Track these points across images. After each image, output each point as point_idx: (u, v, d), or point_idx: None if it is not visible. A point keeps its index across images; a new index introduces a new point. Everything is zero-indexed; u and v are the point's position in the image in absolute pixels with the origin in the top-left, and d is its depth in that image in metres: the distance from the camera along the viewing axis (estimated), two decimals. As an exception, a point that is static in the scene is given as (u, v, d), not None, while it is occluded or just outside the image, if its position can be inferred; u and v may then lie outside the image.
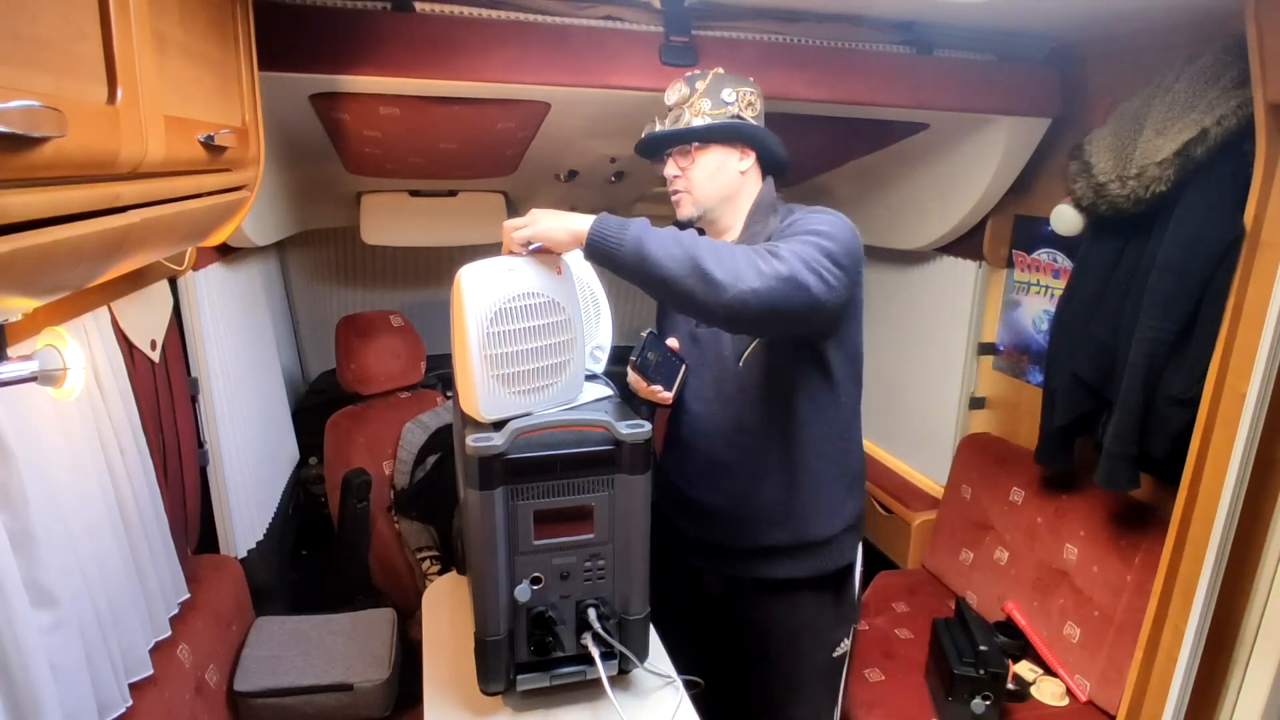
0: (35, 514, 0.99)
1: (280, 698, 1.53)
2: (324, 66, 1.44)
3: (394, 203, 2.41)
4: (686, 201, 1.38)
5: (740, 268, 1.07)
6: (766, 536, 1.43)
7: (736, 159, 1.37)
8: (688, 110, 1.34)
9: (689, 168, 1.36)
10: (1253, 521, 1.36)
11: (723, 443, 1.41)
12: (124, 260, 0.92)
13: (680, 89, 1.36)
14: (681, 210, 1.40)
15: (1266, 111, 1.30)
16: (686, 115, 1.34)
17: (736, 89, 1.35)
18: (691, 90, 1.34)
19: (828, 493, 1.42)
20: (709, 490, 1.45)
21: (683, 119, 1.35)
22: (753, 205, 1.39)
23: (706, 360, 1.41)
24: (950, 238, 2.31)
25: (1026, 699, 1.77)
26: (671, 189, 1.40)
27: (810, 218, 1.27)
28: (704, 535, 1.49)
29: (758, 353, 1.35)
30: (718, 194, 1.37)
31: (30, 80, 0.60)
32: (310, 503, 2.47)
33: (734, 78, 1.36)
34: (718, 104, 1.34)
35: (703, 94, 1.34)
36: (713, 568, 1.51)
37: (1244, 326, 1.34)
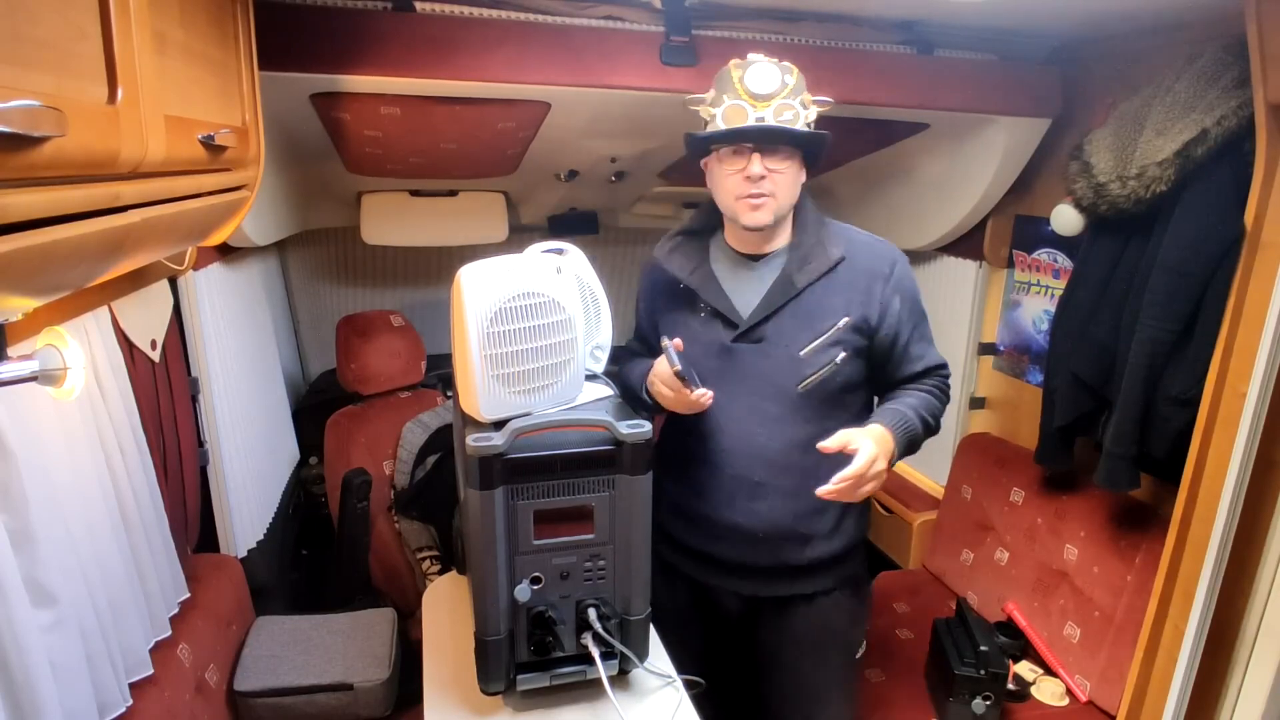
0: (35, 513, 0.99)
1: (280, 697, 1.53)
2: (324, 66, 1.44)
3: (394, 202, 2.41)
4: (770, 207, 1.26)
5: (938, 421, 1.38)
6: (802, 555, 1.38)
7: (802, 170, 1.30)
8: (798, 106, 1.22)
9: (782, 171, 1.25)
10: (1253, 521, 1.36)
11: (761, 464, 1.35)
12: (124, 260, 0.92)
13: (775, 73, 1.22)
14: (760, 215, 1.27)
15: (1267, 111, 1.30)
16: (799, 111, 1.22)
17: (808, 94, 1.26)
18: (783, 84, 1.22)
19: (862, 504, 1.41)
20: (739, 511, 1.37)
21: (794, 116, 1.22)
22: (801, 219, 1.36)
23: (745, 378, 1.34)
24: (950, 238, 2.31)
25: (1027, 699, 1.77)
26: (754, 190, 1.25)
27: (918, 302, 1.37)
28: (727, 555, 1.41)
29: (821, 379, 1.32)
30: (793, 202, 1.31)
31: (30, 80, 0.60)
32: (310, 502, 2.47)
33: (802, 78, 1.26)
34: (802, 105, 1.24)
35: (795, 90, 1.23)
36: (731, 585, 1.44)
37: (1244, 326, 1.34)
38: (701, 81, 1.64)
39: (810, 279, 1.31)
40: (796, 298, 1.31)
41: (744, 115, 1.22)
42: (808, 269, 1.31)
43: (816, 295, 1.32)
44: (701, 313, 1.37)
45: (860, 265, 1.33)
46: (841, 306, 1.31)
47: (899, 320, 1.33)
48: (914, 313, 1.36)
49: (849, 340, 1.32)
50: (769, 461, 1.34)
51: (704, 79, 1.63)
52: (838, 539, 1.40)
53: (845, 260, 1.32)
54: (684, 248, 1.42)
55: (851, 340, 1.32)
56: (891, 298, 1.32)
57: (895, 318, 1.33)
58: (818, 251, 1.32)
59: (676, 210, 2.81)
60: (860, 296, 1.32)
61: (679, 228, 1.45)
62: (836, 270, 1.32)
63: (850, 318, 1.31)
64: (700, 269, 1.38)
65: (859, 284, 1.32)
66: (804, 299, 1.31)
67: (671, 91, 1.62)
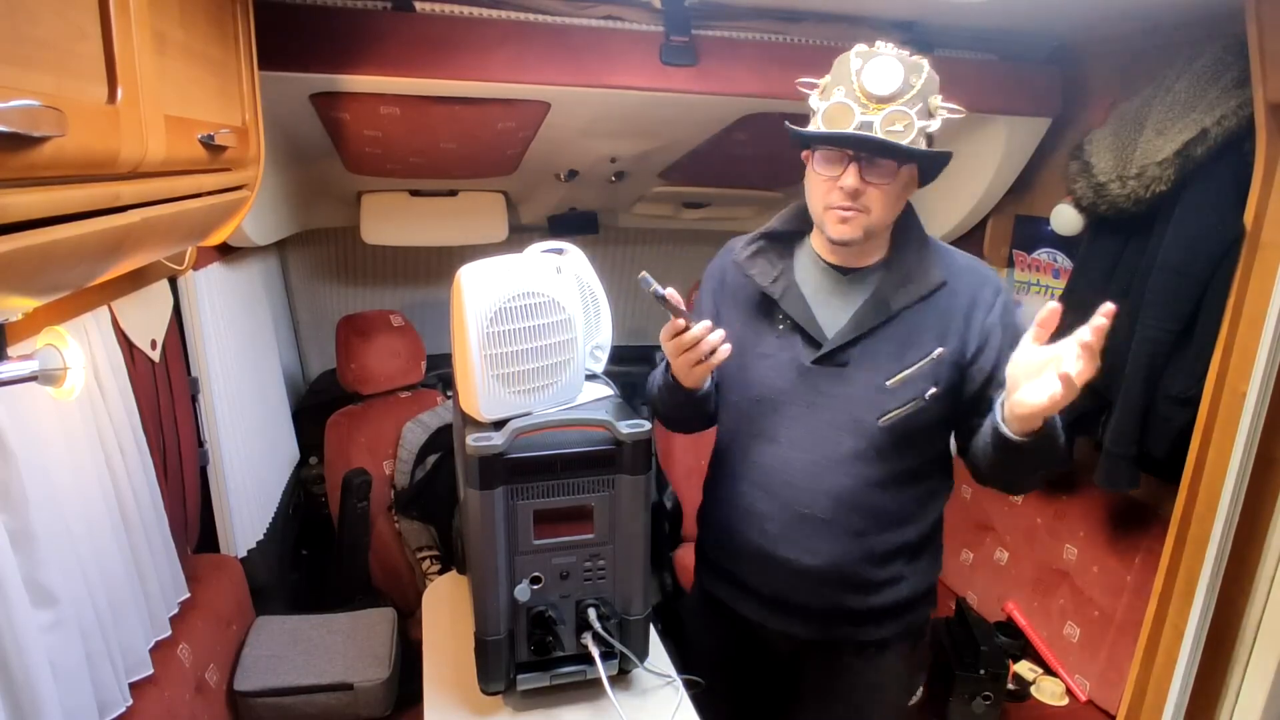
0: (35, 514, 0.99)
1: (280, 697, 1.53)
2: (324, 66, 1.44)
3: (394, 202, 2.41)
4: (860, 223, 1.12)
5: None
6: (865, 601, 1.25)
7: (911, 184, 1.16)
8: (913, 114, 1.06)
9: (880, 186, 1.10)
10: (1253, 521, 1.35)
11: (830, 500, 1.20)
12: (124, 260, 0.92)
13: (897, 73, 1.05)
14: (848, 230, 1.13)
15: (1267, 111, 1.29)
16: (913, 121, 1.06)
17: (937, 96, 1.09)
18: (908, 83, 1.06)
19: (935, 548, 1.30)
20: (800, 549, 1.22)
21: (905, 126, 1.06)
22: (903, 233, 1.21)
23: (821, 404, 1.19)
24: (950, 237, 2.31)
25: (1026, 699, 1.77)
26: (844, 204, 1.11)
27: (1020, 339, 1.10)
28: (781, 593, 1.27)
29: (906, 414, 1.17)
30: (890, 219, 1.16)
31: (30, 80, 0.60)
32: (310, 502, 2.47)
33: (935, 78, 1.10)
34: (924, 114, 1.08)
35: (916, 95, 1.06)
36: (781, 625, 1.29)
37: (1244, 326, 1.33)
38: (701, 81, 1.64)
39: (907, 302, 1.17)
40: (890, 321, 1.17)
41: (849, 117, 1.07)
42: (905, 290, 1.17)
43: (911, 321, 1.17)
44: (780, 325, 1.22)
45: (963, 291, 1.18)
46: (937, 336, 1.16)
47: (999, 355, 1.15)
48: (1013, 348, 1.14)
49: (942, 374, 1.16)
50: (838, 498, 1.20)
51: (704, 78, 1.63)
52: (906, 585, 1.26)
53: (946, 285, 1.18)
54: (767, 251, 1.27)
55: (945, 375, 1.17)
56: (993, 329, 1.17)
57: (995, 351, 1.16)
58: (918, 273, 1.18)
59: (676, 210, 2.81)
60: (959, 326, 1.17)
61: (761, 229, 1.30)
62: (936, 295, 1.17)
63: (946, 349, 1.16)
64: (784, 277, 1.23)
65: (958, 311, 1.17)
66: (897, 323, 1.17)
67: (671, 91, 1.62)
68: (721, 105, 1.76)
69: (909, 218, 1.22)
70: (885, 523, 1.22)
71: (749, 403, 1.26)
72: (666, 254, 3.15)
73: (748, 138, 2.00)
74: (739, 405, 1.28)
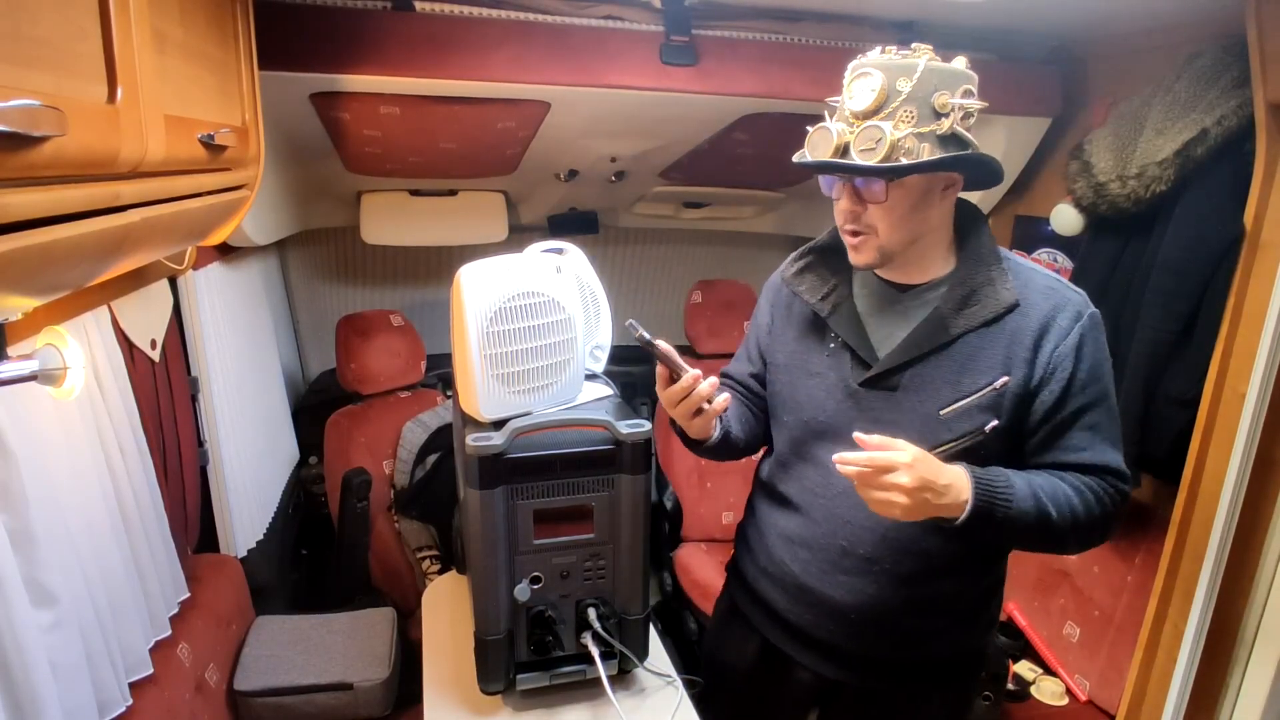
0: (35, 513, 0.99)
1: (280, 697, 1.53)
2: (324, 66, 1.44)
3: (394, 202, 2.41)
4: (871, 245, 1.04)
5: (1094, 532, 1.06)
6: (907, 654, 1.16)
7: (939, 189, 1.03)
8: (887, 128, 0.95)
9: (877, 206, 1.02)
10: (1252, 521, 1.36)
11: (876, 539, 1.10)
12: (124, 259, 0.92)
13: (874, 83, 0.96)
14: (860, 256, 1.06)
15: (1267, 111, 1.30)
16: (884, 135, 0.95)
17: (952, 90, 0.96)
18: (892, 90, 0.96)
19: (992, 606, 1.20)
20: (833, 582, 1.14)
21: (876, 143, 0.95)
22: (969, 248, 1.09)
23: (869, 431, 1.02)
24: (950, 237, 2.31)
25: (1026, 699, 1.77)
26: (847, 227, 1.06)
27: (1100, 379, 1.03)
28: (816, 630, 1.18)
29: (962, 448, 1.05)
30: (911, 236, 1.05)
31: (30, 79, 0.60)
32: (310, 502, 2.47)
33: (947, 69, 0.97)
34: (928, 116, 0.96)
35: (908, 99, 0.95)
36: (811, 662, 1.21)
37: (1244, 326, 1.34)
38: (701, 81, 1.64)
39: (970, 325, 1.04)
40: (949, 345, 1.05)
41: (827, 141, 1.00)
42: (968, 312, 1.05)
43: (973, 345, 1.05)
44: (831, 344, 1.14)
45: (1036, 314, 1.03)
46: (1002, 363, 1.03)
47: (1063, 390, 1.02)
48: (1088, 389, 1.03)
49: (1006, 407, 1.04)
50: (884, 536, 1.10)
51: (704, 78, 1.63)
52: (949, 642, 1.16)
53: (1019, 307, 1.04)
54: (817, 267, 1.19)
55: (1009, 407, 1.04)
56: (1062, 361, 1.02)
57: (1060, 384, 1.02)
58: (986, 292, 1.05)
59: (676, 210, 2.81)
60: (1027, 353, 1.03)
61: (811, 243, 1.22)
62: (1006, 319, 1.04)
63: (1011, 378, 1.03)
64: (836, 292, 1.15)
65: (1028, 336, 1.03)
66: (957, 347, 1.05)
67: (671, 91, 1.62)
68: (721, 105, 1.76)
69: (974, 230, 1.09)
70: (936, 570, 1.10)
71: (799, 424, 1.17)
72: (666, 254, 3.15)
73: (748, 137, 2.00)
74: (789, 426, 1.19)
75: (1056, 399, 1.03)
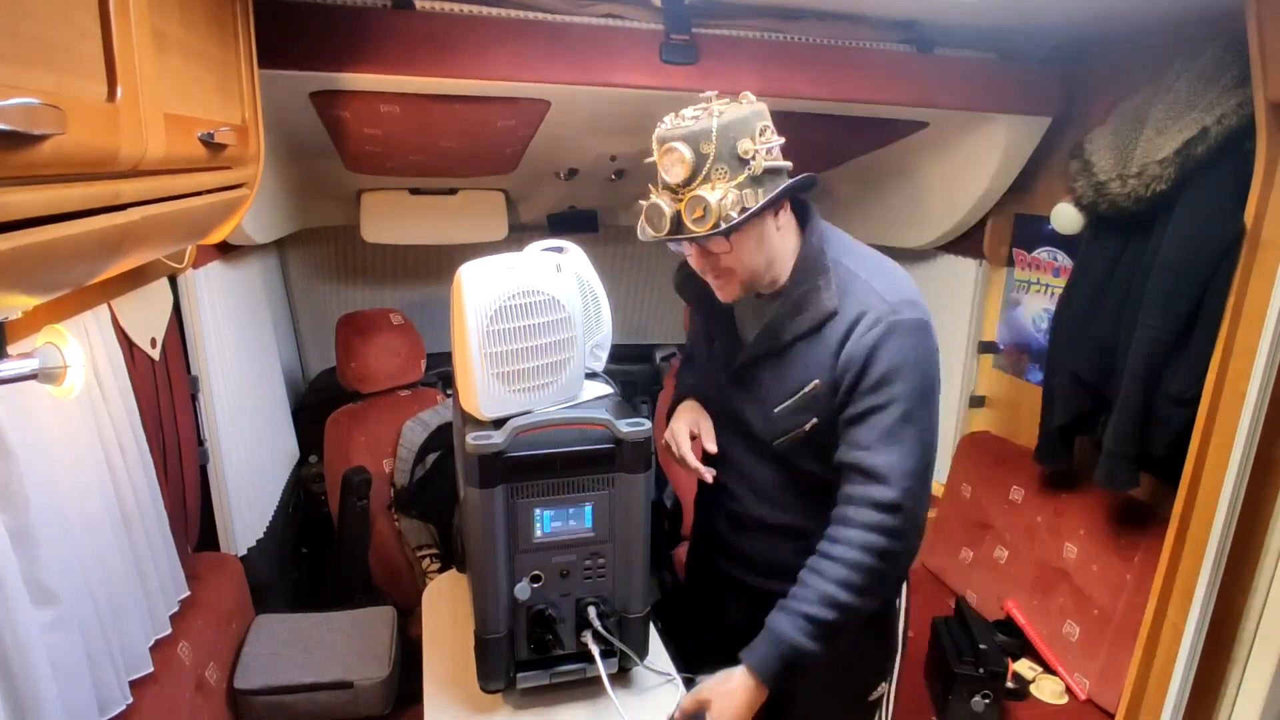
0: (35, 512, 0.99)
1: (280, 695, 1.53)
2: (324, 64, 1.44)
3: (394, 201, 2.41)
4: (734, 282, 1.15)
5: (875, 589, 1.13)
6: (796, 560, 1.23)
7: (771, 221, 1.13)
8: (708, 195, 1.03)
9: (724, 254, 1.12)
10: (1252, 520, 1.36)
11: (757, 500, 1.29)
12: (124, 258, 0.92)
13: (683, 156, 1.04)
14: (726, 294, 1.18)
15: (1267, 110, 1.30)
16: (709, 202, 1.03)
17: (750, 134, 1.05)
18: (697, 158, 1.04)
19: None
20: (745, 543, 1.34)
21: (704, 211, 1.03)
22: (797, 259, 1.17)
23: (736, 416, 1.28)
24: (950, 236, 2.31)
25: (1026, 697, 1.77)
26: (708, 274, 1.17)
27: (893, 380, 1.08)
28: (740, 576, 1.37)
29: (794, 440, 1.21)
30: (763, 264, 1.15)
31: (30, 78, 0.60)
32: (310, 501, 2.47)
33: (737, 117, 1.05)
34: (737, 167, 1.04)
35: (715, 159, 1.03)
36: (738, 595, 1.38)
37: (1244, 326, 1.34)
38: (701, 80, 1.64)
39: (796, 333, 1.16)
40: (780, 351, 1.19)
41: (661, 218, 1.08)
42: (796, 321, 1.16)
43: (800, 351, 1.17)
44: (713, 341, 1.32)
45: (844, 320, 1.13)
46: (816, 367, 1.15)
47: (851, 388, 1.11)
48: (879, 391, 1.10)
49: (822, 407, 1.16)
50: (763, 497, 1.28)
51: (704, 77, 1.63)
52: None
53: (837, 315, 1.14)
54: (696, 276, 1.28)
55: (825, 407, 1.16)
56: (855, 360, 1.10)
57: (849, 383, 1.11)
58: (811, 301, 1.15)
59: (676, 209, 2.81)
60: (832, 356, 1.13)
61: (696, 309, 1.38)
62: (827, 326, 1.14)
63: (821, 381, 1.15)
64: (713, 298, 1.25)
65: (835, 339, 1.13)
66: (788, 353, 1.18)
67: (671, 90, 1.62)
68: (722, 104, 1.76)
69: (811, 246, 1.16)
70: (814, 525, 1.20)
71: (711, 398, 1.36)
72: (666, 253, 3.15)
73: (748, 136, 1.99)
74: None
75: (847, 397, 1.13)
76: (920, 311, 1.14)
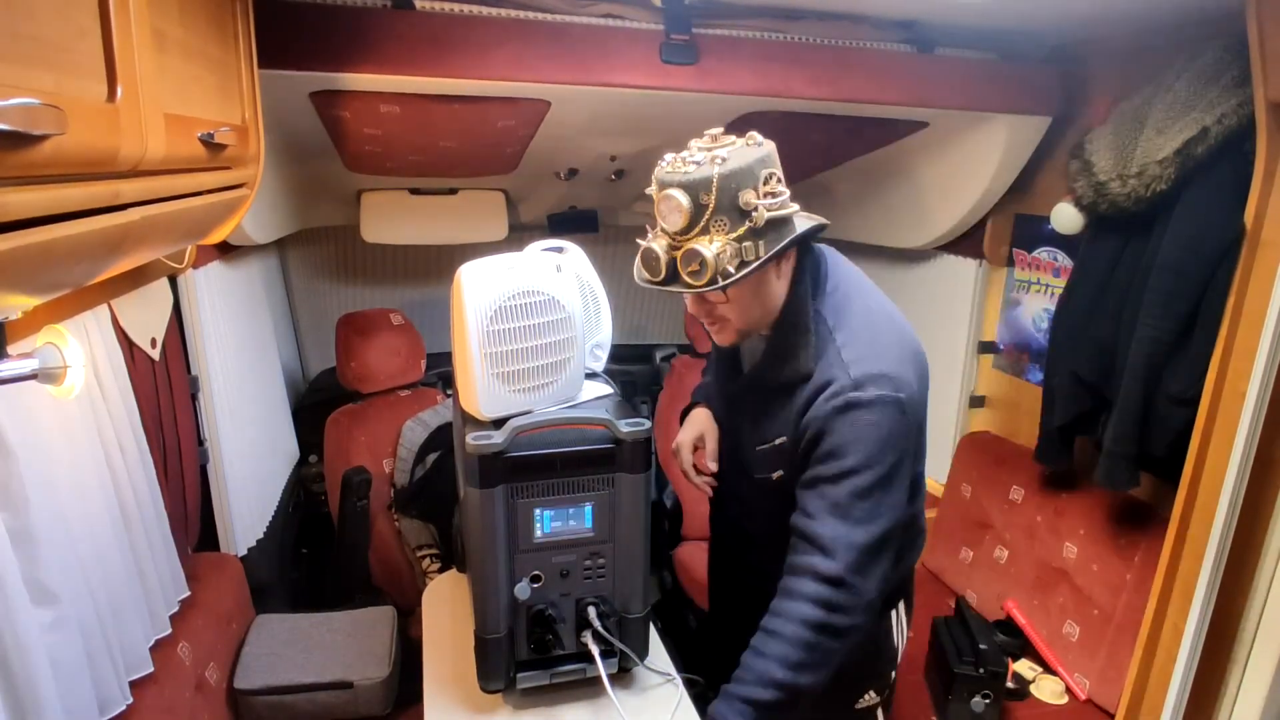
0: (35, 512, 0.99)
1: (280, 695, 1.53)
2: (324, 64, 1.44)
3: (394, 201, 2.41)
4: (730, 328, 1.14)
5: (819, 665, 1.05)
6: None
7: (773, 270, 1.10)
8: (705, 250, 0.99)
9: (720, 304, 1.11)
10: (1252, 520, 1.36)
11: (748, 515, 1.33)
12: (124, 258, 0.92)
13: (681, 205, 0.99)
14: (722, 339, 1.17)
15: (1267, 110, 1.30)
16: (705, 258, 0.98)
17: (753, 185, 0.99)
18: (696, 208, 0.99)
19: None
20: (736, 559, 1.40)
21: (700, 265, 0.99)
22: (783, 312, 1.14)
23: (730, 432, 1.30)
24: (950, 236, 2.31)
25: (1026, 697, 1.77)
26: (701, 319, 1.16)
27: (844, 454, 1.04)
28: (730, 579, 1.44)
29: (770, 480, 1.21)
30: (761, 314, 1.14)
31: (30, 78, 0.60)
32: (310, 501, 2.47)
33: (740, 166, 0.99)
34: (737, 220, 0.99)
35: (715, 211, 0.99)
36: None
37: (1244, 326, 1.34)
38: (701, 80, 1.64)
39: (775, 381, 1.16)
40: (765, 394, 1.19)
41: (656, 265, 1.04)
42: (776, 371, 1.15)
43: (779, 400, 1.16)
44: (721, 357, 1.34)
45: (813, 385, 1.11)
46: (784, 423, 1.15)
47: (805, 456, 1.10)
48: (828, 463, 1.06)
49: (785, 462, 1.17)
50: (754, 512, 1.30)
51: (704, 77, 1.63)
52: None
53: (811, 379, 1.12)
54: None
55: (790, 464, 1.15)
56: (810, 428, 1.09)
57: (805, 451, 1.10)
58: (790, 360, 1.13)
59: (676, 209, 2.81)
60: (796, 416, 1.12)
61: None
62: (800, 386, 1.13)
63: (786, 439, 1.15)
64: None
65: (801, 401, 1.12)
66: (770, 397, 1.18)
67: (671, 90, 1.62)
68: (722, 103, 1.76)
69: (797, 299, 1.13)
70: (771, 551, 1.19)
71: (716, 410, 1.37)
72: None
73: (748, 136, 1.99)
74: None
75: (804, 461, 1.11)
76: (893, 387, 1.06)
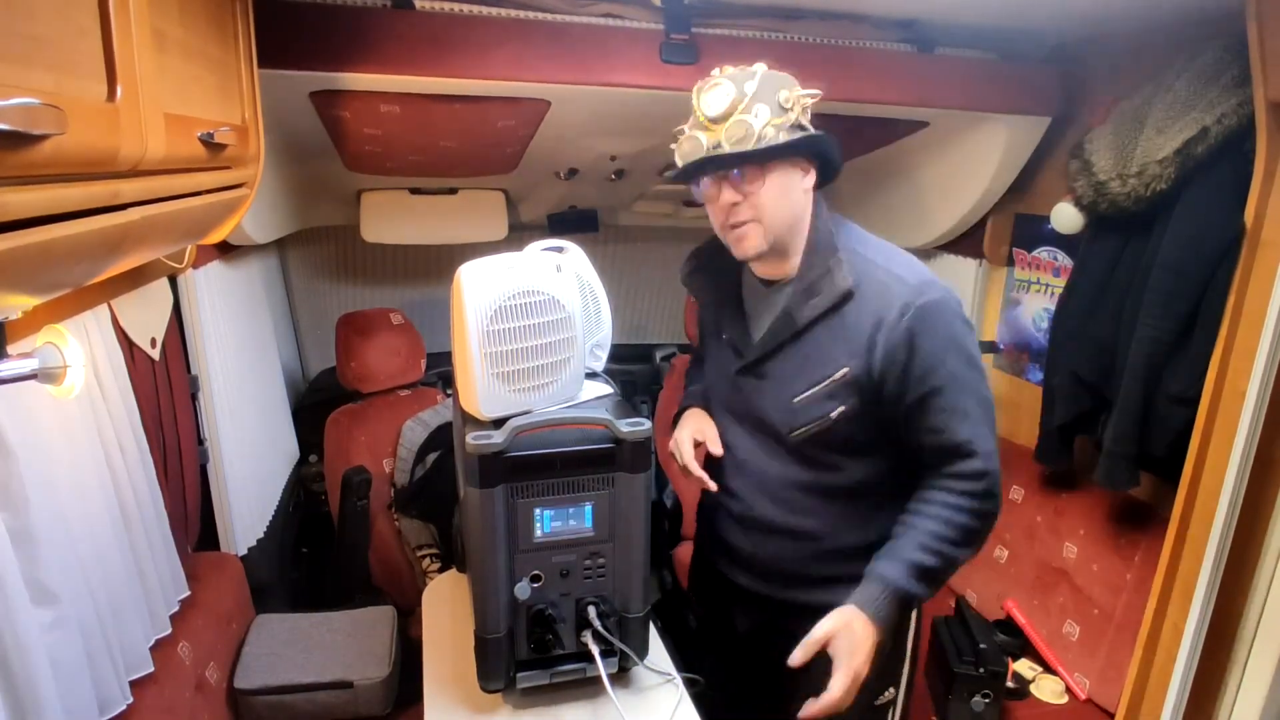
0: (35, 512, 0.99)
1: (280, 695, 1.53)
2: (324, 64, 1.44)
3: (394, 200, 2.41)
4: (755, 233, 1.14)
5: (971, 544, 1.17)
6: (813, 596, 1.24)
7: (800, 178, 1.15)
8: (751, 120, 1.07)
9: (756, 191, 1.12)
10: (1252, 520, 1.36)
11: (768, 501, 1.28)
12: (124, 258, 0.92)
13: (726, 90, 1.08)
14: (748, 244, 1.15)
15: (1267, 110, 1.29)
16: (751, 126, 1.07)
17: (790, 90, 1.10)
18: (741, 93, 1.08)
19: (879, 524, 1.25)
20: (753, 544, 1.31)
21: (746, 132, 1.07)
22: (808, 242, 1.18)
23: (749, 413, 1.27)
24: (950, 236, 2.31)
25: (1026, 697, 1.77)
26: (732, 220, 1.15)
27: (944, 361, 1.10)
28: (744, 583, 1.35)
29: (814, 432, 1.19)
30: (788, 220, 1.15)
31: (30, 78, 0.60)
32: (310, 500, 2.47)
33: (780, 76, 1.12)
34: (777, 110, 1.09)
35: (756, 97, 1.08)
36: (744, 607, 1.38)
37: (1244, 325, 1.33)
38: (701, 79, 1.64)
39: (811, 316, 1.16)
40: (799, 336, 1.18)
41: (698, 146, 1.12)
42: (811, 304, 1.16)
43: (820, 336, 1.16)
44: (723, 335, 1.31)
45: (869, 309, 1.13)
46: (843, 354, 1.14)
47: (901, 381, 1.12)
48: (930, 377, 1.11)
49: (850, 396, 1.15)
50: (775, 499, 1.26)
51: (704, 77, 1.63)
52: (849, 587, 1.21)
53: (854, 298, 1.14)
54: (707, 267, 1.33)
55: (855, 394, 1.15)
56: (896, 353, 1.11)
57: (896, 377, 1.12)
58: (824, 283, 1.15)
59: (676, 208, 2.81)
60: (863, 347, 1.13)
61: (699, 246, 1.37)
62: (845, 309, 1.14)
63: (851, 370, 1.14)
64: (723, 291, 1.30)
65: (863, 329, 1.13)
66: (806, 338, 1.17)
67: (672, 89, 1.62)
68: (722, 103, 1.76)
69: (819, 227, 1.18)
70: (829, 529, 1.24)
71: (713, 399, 1.37)
72: (666, 252, 3.15)
73: (748, 136, 1.99)
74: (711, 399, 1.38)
75: (900, 390, 1.13)
76: (940, 289, 1.14)
